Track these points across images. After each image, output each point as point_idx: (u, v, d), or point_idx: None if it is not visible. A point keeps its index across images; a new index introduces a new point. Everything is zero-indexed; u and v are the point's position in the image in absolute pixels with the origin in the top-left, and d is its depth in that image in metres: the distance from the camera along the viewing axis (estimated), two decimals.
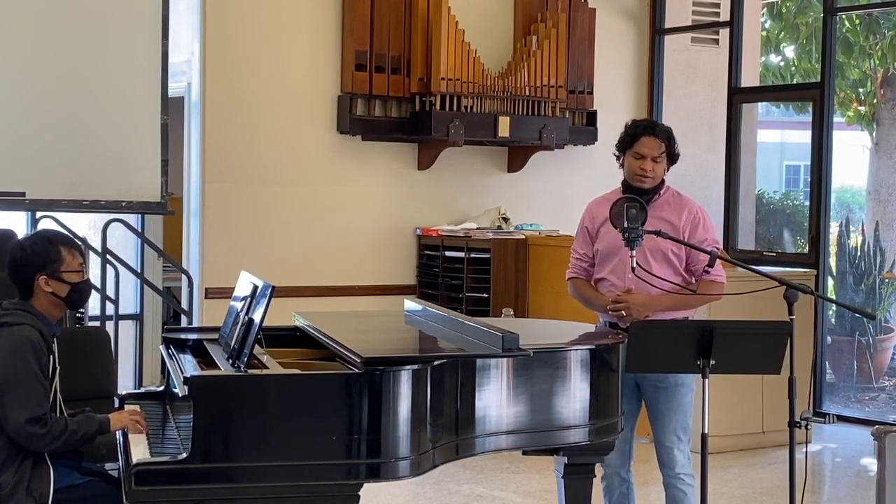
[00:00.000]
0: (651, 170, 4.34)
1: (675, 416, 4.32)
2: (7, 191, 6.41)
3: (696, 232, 4.35)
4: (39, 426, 3.55)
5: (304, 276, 7.75)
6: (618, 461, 4.38)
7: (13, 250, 3.80)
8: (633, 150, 4.37)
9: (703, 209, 4.48)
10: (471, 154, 8.42)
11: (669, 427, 4.33)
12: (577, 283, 4.56)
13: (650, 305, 4.27)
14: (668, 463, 4.35)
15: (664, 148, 4.36)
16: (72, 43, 6.64)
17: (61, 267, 3.74)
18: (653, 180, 4.36)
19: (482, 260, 7.89)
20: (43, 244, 3.77)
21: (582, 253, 4.54)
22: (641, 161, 4.34)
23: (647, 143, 4.34)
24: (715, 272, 4.32)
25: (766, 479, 6.45)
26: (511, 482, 6.22)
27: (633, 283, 4.28)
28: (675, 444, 4.32)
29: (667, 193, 4.43)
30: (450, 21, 7.89)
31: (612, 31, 9.02)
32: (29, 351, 3.60)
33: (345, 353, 3.60)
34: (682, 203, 4.43)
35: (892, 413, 8.99)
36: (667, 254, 4.33)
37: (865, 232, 10.61)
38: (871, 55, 11.84)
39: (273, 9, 7.73)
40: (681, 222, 4.36)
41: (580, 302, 4.57)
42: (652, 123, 4.47)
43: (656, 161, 4.35)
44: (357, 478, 3.36)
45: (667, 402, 4.33)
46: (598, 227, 4.46)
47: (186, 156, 7.76)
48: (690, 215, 4.38)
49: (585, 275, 4.54)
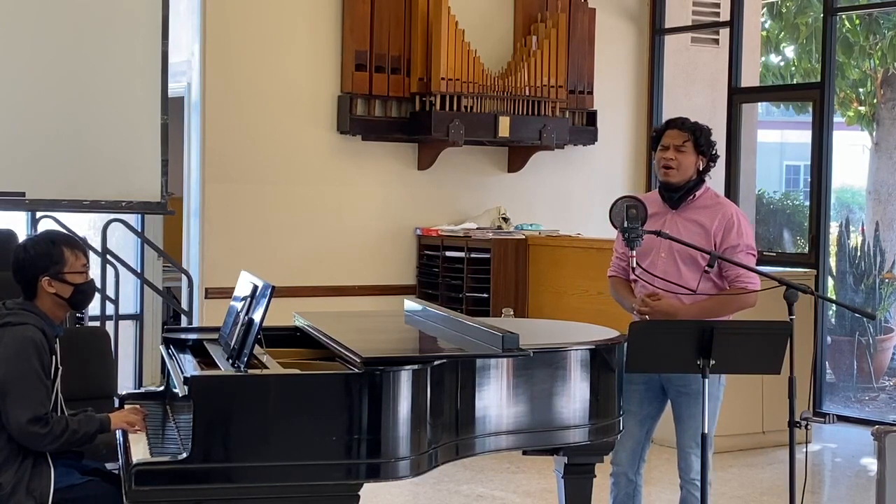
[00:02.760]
0: (674, 158, 4.26)
1: (695, 423, 4.19)
2: (7, 191, 6.41)
3: (728, 236, 4.23)
4: (41, 426, 3.55)
5: (303, 276, 7.75)
6: (627, 461, 4.37)
7: (17, 251, 3.80)
8: (659, 144, 4.34)
9: (742, 213, 4.35)
10: (471, 154, 8.43)
11: (688, 433, 4.28)
12: (615, 281, 4.52)
13: (674, 313, 4.19)
14: (684, 468, 4.31)
15: (688, 137, 4.28)
16: (72, 43, 6.65)
17: (64, 268, 3.74)
18: (677, 172, 4.26)
19: (482, 260, 7.89)
20: (46, 245, 3.77)
21: (621, 252, 4.46)
22: (664, 151, 4.29)
23: (670, 134, 4.30)
24: (746, 278, 4.20)
25: (766, 479, 6.45)
26: (511, 482, 6.22)
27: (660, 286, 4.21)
28: (692, 449, 4.27)
29: (704, 195, 4.32)
30: (450, 21, 7.89)
31: (612, 31, 9.02)
32: (31, 351, 3.60)
33: (345, 353, 3.60)
34: (719, 206, 4.32)
35: (892, 413, 8.99)
36: (696, 258, 4.21)
37: (865, 232, 10.62)
38: (871, 55, 11.84)
39: (273, 9, 7.73)
40: (713, 226, 4.25)
41: (616, 300, 4.52)
42: (679, 118, 4.41)
43: (679, 150, 4.26)
44: (357, 478, 3.36)
45: (688, 409, 4.27)
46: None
47: (186, 156, 7.76)
48: (725, 219, 4.26)
49: (623, 273, 4.48)
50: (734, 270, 4.20)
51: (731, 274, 4.22)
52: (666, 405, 4.40)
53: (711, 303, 4.23)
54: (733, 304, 4.27)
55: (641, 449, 4.40)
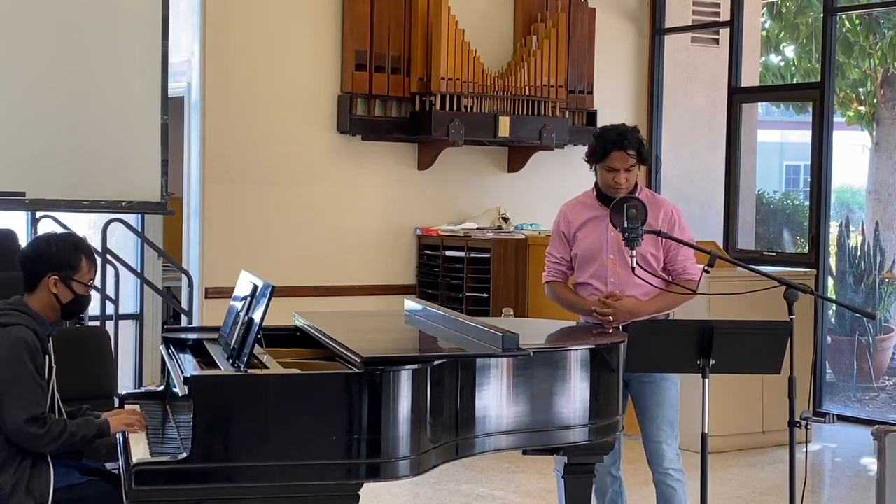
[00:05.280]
0: (624, 180, 4.35)
1: (661, 411, 4.34)
2: (7, 191, 6.41)
3: (672, 232, 4.34)
4: (38, 426, 3.55)
5: (303, 276, 7.75)
6: (608, 459, 4.37)
7: (38, 241, 3.83)
8: (604, 163, 4.38)
9: (679, 210, 4.50)
10: (471, 154, 8.42)
11: (656, 422, 4.35)
12: (556, 286, 4.59)
13: (637, 311, 4.30)
14: (656, 459, 4.35)
15: (635, 158, 4.36)
16: (72, 43, 6.65)
17: (75, 275, 3.76)
18: (626, 189, 4.36)
19: (482, 260, 7.89)
20: (69, 247, 3.79)
21: (559, 257, 4.57)
22: (614, 174, 4.36)
23: (618, 157, 4.34)
24: (693, 271, 4.36)
25: (766, 479, 6.45)
26: (511, 482, 6.22)
27: (616, 287, 4.34)
28: (662, 438, 4.34)
29: (641, 195, 4.40)
30: (450, 21, 7.89)
31: (612, 31, 9.02)
32: (24, 351, 3.60)
33: (345, 352, 3.60)
34: (658, 203, 4.45)
35: (892, 413, 8.99)
36: (646, 255, 4.34)
37: (865, 232, 10.61)
38: (871, 55, 11.84)
39: (273, 9, 7.73)
40: (658, 223, 4.34)
41: (560, 305, 4.60)
42: (620, 136, 4.37)
43: (629, 171, 4.36)
44: (357, 478, 3.36)
45: (652, 397, 4.36)
46: (575, 231, 4.49)
47: (186, 156, 7.76)
48: (667, 216, 4.40)
49: (563, 278, 4.58)
50: (680, 265, 4.40)
51: (678, 268, 4.41)
52: (628, 398, 4.43)
53: (666, 298, 4.38)
54: (682, 298, 4.42)
55: (619, 445, 4.42)
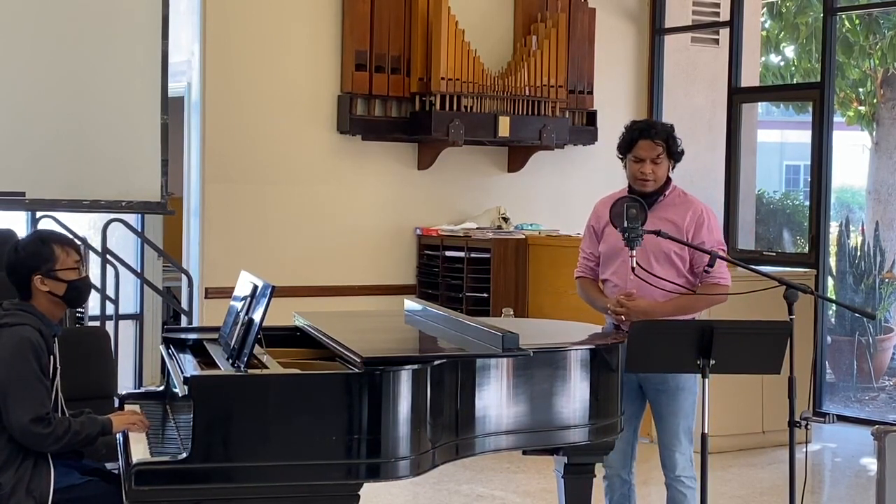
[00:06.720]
0: (651, 172, 4.30)
1: (676, 420, 4.31)
2: (7, 191, 6.41)
3: (699, 233, 4.29)
4: (43, 426, 3.55)
5: (303, 276, 7.75)
6: (619, 462, 4.38)
7: (8, 253, 3.81)
8: (632, 153, 4.34)
9: (710, 210, 4.41)
10: (471, 154, 8.42)
11: (670, 430, 4.32)
12: (584, 282, 4.54)
13: (651, 312, 4.23)
14: (668, 465, 4.35)
15: (663, 149, 4.31)
16: (72, 43, 6.65)
17: (56, 265, 3.74)
18: (654, 183, 4.32)
19: (482, 260, 7.89)
20: (35, 244, 3.78)
21: (588, 252, 4.52)
22: (641, 165, 4.30)
23: (645, 147, 4.30)
24: (718, 274, 4.26)
25: (766, 479, 6.45)
26: (511, 482, 6.22)
27: (634, 286, 4.24)
28: (675, 446, 4.31)
29: (672, 194, 4.38)
30: (450, 21, 7.89)
31: (612, 31, 9.02)
32: (29, 351, 3.60)
33: (345, 352, 3.60)
34: (688, 203, 4.38)
35: (892, 413, 8.99)
36: (669, 255, 4.29)
37: (865, 232, 10.61)
38: (871, 55, 11.84)
39: (273, 9, 7.73)
40: (685, 223, 4.30)
41: (586, 301, 4.55)
42: (648, 125, 4.38)
43: (656, 163, 4.30)
44: (357, 478, 3.36)
45: (667, 406, 4.32)
46: (603, 227, 4.42)
47: (186, 156, 7.76)
48: (695, 216, 4.33)
49: (592, 274, 4.51)
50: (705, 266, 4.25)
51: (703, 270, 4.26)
52: (646, 403, 4.43)
53: (685, 300, 4.28)
54: (706, 301, 4.33)
55: (631, 448, 4.43)
